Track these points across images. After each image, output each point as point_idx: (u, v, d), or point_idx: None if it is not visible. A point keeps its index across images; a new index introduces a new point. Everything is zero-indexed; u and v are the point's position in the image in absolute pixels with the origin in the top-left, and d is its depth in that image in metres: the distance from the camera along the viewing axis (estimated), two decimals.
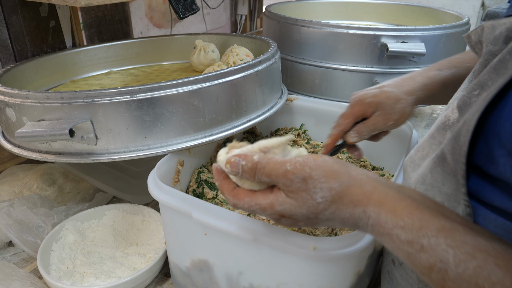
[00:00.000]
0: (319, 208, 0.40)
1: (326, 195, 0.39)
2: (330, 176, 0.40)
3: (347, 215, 0.40)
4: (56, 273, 0.70)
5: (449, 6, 2.31)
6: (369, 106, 0.66)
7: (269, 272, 0.56)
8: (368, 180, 0.40)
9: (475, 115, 0.36)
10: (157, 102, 0.67)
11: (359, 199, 0.39)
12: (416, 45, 1.03)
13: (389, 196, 0.38)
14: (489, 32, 0.42)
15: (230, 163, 0.42)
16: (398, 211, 0.37)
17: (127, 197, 0.91)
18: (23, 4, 1.01)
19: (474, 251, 0.32)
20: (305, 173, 0.39)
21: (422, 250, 0.34)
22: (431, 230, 0.34)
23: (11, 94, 0.70)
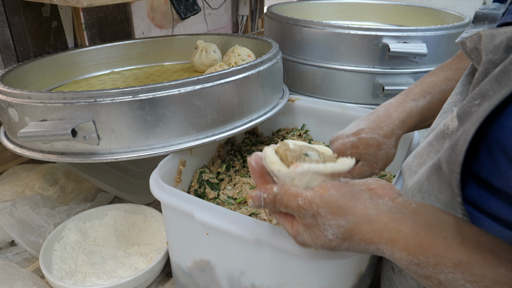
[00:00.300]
0: (333, 245, 0.41)
1: (335, 232, 0.40)
2: (336, 213, 0.40)
3: (362, 249, 0.40)
4: (58, 272, 0.70)
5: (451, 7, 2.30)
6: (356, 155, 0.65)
7: (270, 272, 0.56)
8: (377, 216, 0.39)
9: (474, 126, 0.35)
10: (159, 102, 0.67)
11: (370, 237, 0.39)
12: (417, 45, 1.03)
13: (401, 233, 0.37)
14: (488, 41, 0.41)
15: (251, 197, 0.44)
16: (412, 248, 0.36)
17: (128, 197, 0.91)
18: (25, 5, 1.01)
19: (494, 284, 0.32)
20: (313, 210, 0.40)
21: (440, 284, 0.35)
22: (447, 266, 0.34)
23: (13, 94, 0.70)
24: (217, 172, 0.79)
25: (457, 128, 0.42)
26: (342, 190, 0.41)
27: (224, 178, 0.78)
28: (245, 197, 0.70)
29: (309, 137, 0.95)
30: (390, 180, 0.80)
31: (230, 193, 0.73)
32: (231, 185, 0.76)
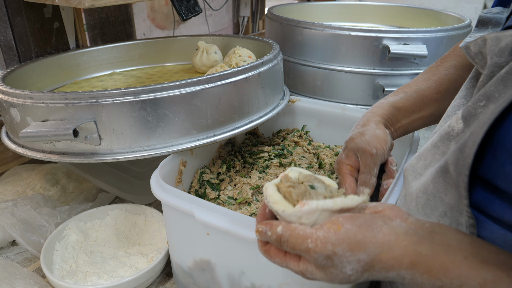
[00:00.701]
0: (352, 279, 0.39)
1: (355, 267, 0.38)
2: (355, 248, 0.38)
3: (381, 277, 0.39)
4: (59, 272, 0.70)
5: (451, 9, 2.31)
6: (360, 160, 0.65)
7: (270, 272, 0.56)
8: (396, 242, 0.38)
9: (483, 128, 0.35)
10: (160, 103, 0.67)
11: (390, 264, 0.37)
12: (417, 47, 1.03)
13: (421, 256, 0.37)
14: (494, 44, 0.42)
15: (258, 232, 0.43)
16: (433, 270, 0.36)
17: (129, 197, 0.91)
18: (27, 6, 1.01)
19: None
20: (328, 251, 0.38)
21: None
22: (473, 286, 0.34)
23: (15, 95, 0.71)
24: (217, 173, 0.79)
25: (462, 130, 0.42)
26: (356, 222, 0.39)
27: (225, 179, 0.78)
28: (246, 198, 0.70)
29: (309, 138, 0.95)
30: None
31: (230, 193, 0.73)
32: (232, 185, 0.76)
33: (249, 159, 0.84)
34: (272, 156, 0.82)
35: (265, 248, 0.44)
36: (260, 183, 0.73)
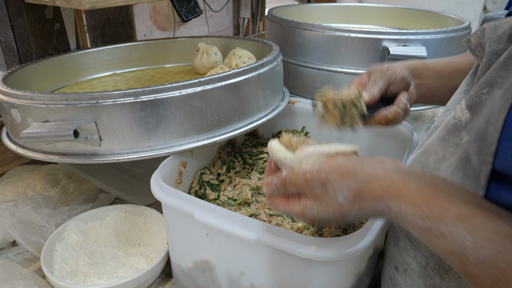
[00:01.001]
0: (344, 209, 0.42)
1: (346, 195, 0.41)
2: (346, 176, 0.42)
3: (371, 210, 0.41)
4: (59, 272, 0.70)
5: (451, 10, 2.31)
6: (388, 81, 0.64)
7: (270, 272, 0.56)
8: (385, 174, 0.41)
9: (500, 115, 0.36)
10: (160, 104, 0.68)
11: (379, 194, 0.40)
12: (417, 48, 1.04)
13: (407, 188, 0.39)
14: (492, 32, 0.43)
15: (265, 184, 0.48)
16: (417, 202, 0.38)
17: (129, 198, 0.91)
18: (28, 7, 1.02)
19: (493, 236, 0.33)
20: (322, 178, 0.42)
21: (442, 237, 0.36)
22: (450, 218, 0.35)
23: (16, 96, 0.71)
24: (217, 174, 0.80)
25: (471, 119, 0.42)
26: (349, 158, 0.44)
27: (225, 179, 0.78)
28: (245, 198, 0.70)
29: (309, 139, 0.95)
30: None
31: (230, 194, 0.73)
32: (231, 186, 0.76)
33: (249, 160, 0.84)
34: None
35: (271, 200, 0.48)
36: (259, 184, 0.74)
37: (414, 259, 0.50)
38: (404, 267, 0.52)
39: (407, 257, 0.51)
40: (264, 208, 0.69)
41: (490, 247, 0.33)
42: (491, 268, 0.32)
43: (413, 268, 0.50)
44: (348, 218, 0.43)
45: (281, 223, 0.66)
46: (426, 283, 0.49)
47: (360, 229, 0.52)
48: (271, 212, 0.68)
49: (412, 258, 0.50)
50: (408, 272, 0.52)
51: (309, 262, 0.51)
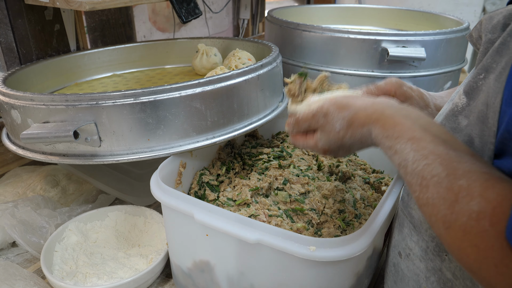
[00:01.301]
0: (340, 135, 0.52)
1: (342, 124, 0.52)
2: (341, 108, 0.52)
3: (360, 135, 0.51)
4: (59, 273, 0.71)
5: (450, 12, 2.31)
6: (402, 95, 0.66)
7: (269, 273, 0.56)
8: (372, 105, 0.50)
9: (497, 98, 0.39)
10: (160, 105, 0.68)
11: (364, 120, 0.49)
12: (416, 49, 1.04)
13: (384, 115, 0.48)
14: (487, 23, 0.45)
15: (287, 124, 0.61)
16: (386, 125, 0.46)
17: (129, 199, 0.92)
18: (29, 8, 1.02)
19: (429, 154, 0.40)
20: (324, 110, 0.54)
21: (395, 153, 0.44)
22: (404, 139, 0.43)
23: (16, 96, 0.71)
24: (217, 174, 0.80)
25: (467, 103, 0.45)
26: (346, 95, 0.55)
27: (224, 180, 0.79)
28: (245, 199, 0.70)
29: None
30: (387, 183, 0.81)
31: (229, 195, 0.74)
32: (231, 187, 0.77)
33: (248, 161, 0.84)
34: (271, 158, 0.83)
35: (293, 138, 0.61)
36: (259, 184, 0.74)
37: (416, 243, 0.52)
38: (407, 252, 0.54)
39: (410, 242, 0.53)
40: (264, 209, 0.69)
41: (423, 161, 0.40)
42: (420, 178, 0.40)
43: (415, 252, 0.52)
44: (346, 142, 0.53)
45: (281, 223, 0.66)
46: (427, 266, 0.50)
47: (359, 230, 0.53)
48: (271, 212, 0.68)
49: (415, 242, 0.52)
50: (411, 257, 0.53)
51: (308, 262, 0.52)
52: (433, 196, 0.38)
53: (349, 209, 0.70)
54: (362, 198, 0.75)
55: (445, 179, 0.38)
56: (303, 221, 0.67)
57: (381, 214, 0.57)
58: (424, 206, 0.40)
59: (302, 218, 0.68)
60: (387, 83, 0.67)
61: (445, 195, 0.37)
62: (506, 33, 0.41)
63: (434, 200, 0.38)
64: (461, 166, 0.38)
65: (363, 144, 0.52)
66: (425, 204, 0.40)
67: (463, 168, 0.37)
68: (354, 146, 0.54)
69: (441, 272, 0.48)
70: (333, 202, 0.71)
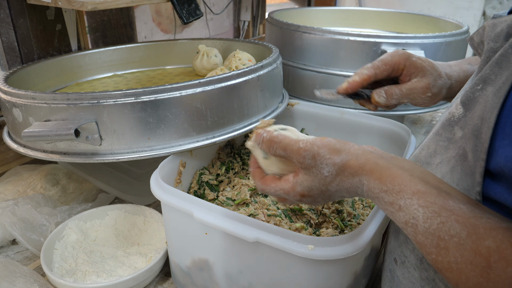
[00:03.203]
0: (327, 181, 0.47)
1: (331, 170, 0.46)
2: (333, 152, 0.47)
3: (349, 185, 0.46)
4: (58, 271, 0.71)
5: (450, 15, 2.32)
6: (412, 66, 0.62)
7: (268, 271, 0.57)
8: (362, 154, 0.46)
9: (493, 113, 0.37)
10: (160, 104, 0.69)
11: (355, 170, 0.45)
12: (415, 52, 1.04)
13: (378, 166, 0.44)
14: (490, 30, 0.44)
15: (256, 133, 0.52)
16: (383, 178, 0.42)
17: (129, 198, 0.92)
18: (31, 8, 1.03)
19: (441, 210, 0.37)
20: (314, 151, 0.47)
21: (399, 209, 0.40)
22: (407, 193, 0.40)
23: (18, 95, 0.72)
24: (216, 174, 0.80)
25: (463, 114, 0.44)
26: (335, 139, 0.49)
27: (224, 180, 0.79)
28: (244, 199, 0.71)
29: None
30: None
31: (229, 194, 0.74)
32: (230, 186, 0.77)
33: (248, 161, 0.84)
34: None
35: (262, 180, 0.53)
36: None
37: (412, 252, 0.51)
38: (402, 260, 0.54)
39: (405, 250, 0.53)
40: (263, 209, 0.70)
41: (436, 219, 0.37)
42: (435, 238, 0.36)
43: (410, 260, 0.52)
44: (330, 190, 0.47)
45: (279, 223, 0.66)
46: (421, 275, 0.50)
47: (357, 229, 0.53)
48: (269, 212, 0.68)
49: (411, 251, 0.51)
50: (406, 265, 0.53)
51: (306, 261, 0.52)
52: (457, 261, 0.35)
53: (347, 209, 0.71)
54: (360, 198, 0.75)
55: (467, 240, 0.34)
56: (302, 221, 0.68)
57: (379, 214, 0.58)
58: (447, 271, 0.36)
59: (300, 218, 0.69)
60: (394, 56, 0.62)
61: (473, 259, 0.34)
62: (508, 45, 0.39)
63: (459, 265, 0.35)
64: (479, 222, 0.35)
65: (349, 194, 0.48)
66: (447, 269, 0.36)
67: (483, 225, 0.34)
68: (337, 195, 0.49)
69: (434, 283, 0.48)
70: (332, 202, 0.71)
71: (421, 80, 0.62)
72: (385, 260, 0.62)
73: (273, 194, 0.52)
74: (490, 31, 0.44)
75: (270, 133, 0.50)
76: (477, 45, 0.49)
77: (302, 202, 0.50)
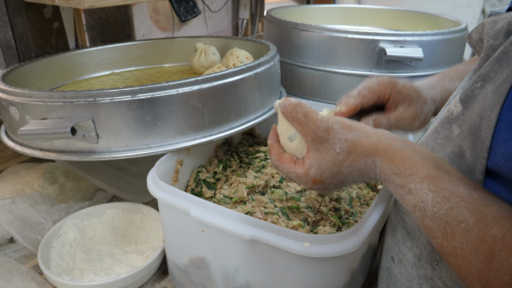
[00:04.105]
0: (339, 159, 0.46)
1: (343, 146, 0.46)
2: (345, 128, 0.47)
3: (362, 165, 0.46)
4: (56, 269, 0.71)
5: (450, 13, 2.32)
6: (398, 93, 0.61)
7: (265, 269, 0.57)
8: (374, 133, 0.46)
9: (494, 111, 0.37)
10: (157, 102, 0.68)
11: (368, 149, 0.45)
12: (413, 50, 1.04)
13: (391, 147, 0.43)
14: (490, 27, 0.43)
15: (286, 98, 0.52)
16: (395, 160, 0.42)
17: (127, 196, 0.92)
18: (28, 6, 1.02)
19: (451, 195, 0.37)
20: (328, 124, 0.47)
21: (409, 192, 0.40)
22: (418, 177, 0.40)
23: (15, 93, 0.72)
24: (214, 172, 0.80)
25: (462, 112, 0.44)
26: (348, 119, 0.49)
27: (221, 178, 0.79)
28: (241, 197, 0.71)
29: None
30: None
31: (226, 192, 0.74)
32: (228, 184, 0.77)
33: (245, 159, 0.84)
34: (268, 157, 0.83)
35: (279, 157, 0.53)
36: (255, 182, 0.74)
37: (410, 249, 0.51)
38: (400, 258, 0.53)
39: (403, 248, 0.53)
40: (260, 206, 0.69)
41: (445, 204, 0.37)
42: (443, 223, 0.37)
43: (408, 258, 0.52)
44: (343, 171, 0.47)
45: (277, 221, 0.66)
46: (419, 273, 0.50)
47: (353, 227, 0.53)
48: (267, 210, 0.68)
49: (408, 248, 0.51)
50: (403, 263, 0.53)
51: (302, 258, 0.52)
52: (462, 246, 0.35)
53: (345, 207, 0.71)
54: (358, 196, 0.75)
55: (474, 227, 0.34)
56: (299, 219, 0.68)
57: (376, 212, 0.58)
58: (451, 256, 0.36)
59: (298, 216, 0.69)
60: (380, 84, 0.61)
61: (478, 246, 0.34)
62: (508, 42, 0.39)
63: (463, 250, 0.35)
64: (488, 210, 0.35)
65: (362, 177, 0.47)
66: (451, 254, 0.36)
67: (492, 214, 0.34)
68: (349, 179, 0.48)
69: (432, 281, 0.48)
70: (329, 200, 0.71)
71: (408, 109, 0.61)
72: (382, 258, 0.62)
73: (286, 174, 0.52)
74: (489, 28, 0.44)
75: (296, 100, 0.52)
76: (475, 42, 0.48)
77: (314, 189, 0.50)
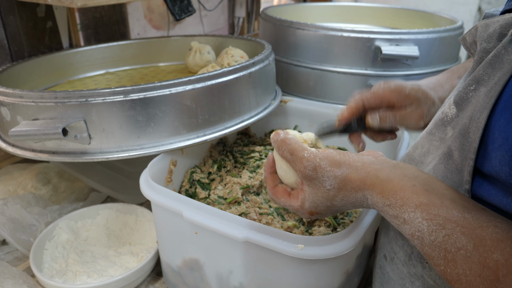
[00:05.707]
0: (331, 195, 0.46)
1: (332, 183, 0.46)
2: (333, 165, 0.46)
3: (353, 199, 0.46)
4: (48, 271, 0.70)
5: (446, 11, 2.31)
6: (406, 98, 0.61)
7: (258, 271, 0.56)
8: (362, 167, 0.45)
9: (483, 113, 0.37)
10: (150, 102, 0.68)
11: (357, 184, 0.44)
12: (409, 48, 1.04)
13: (379, 179, 0.43)
14: (483, 31, 0.44)
15: (276, 132, 0.52)
16: (385, 192, 0.42)
17: (121, 197, 0.91)
18: (20, 5, 1.01)
19: (445, 222, 0.37)
20: (316, 162, 0.46)
21: (404, 222, 0.40)
22: (410, 206, 0.39)
23: (5, 93, 0.71)
24: (208, 172, 0.79)
25: (456, 114, 0.44)
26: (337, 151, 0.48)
27: (215, 178, 0.78)
28: (236, 197, 0.70)
29: None
30: None
31: (220, 193, 0.73)
32: (222, 185, 0.76)
33: (240, 159, 0.84)
34: (263, 156, 0.83)
35: (274, 190, 0.53)
36: (250, 182, 0.74)
37: (401, 248, 0.51)
38: (392, 256, 0.54)
39: (395, 246, 0.53)
40: (254, 207, 0.69)
41: (441, 232, 0.36)
42: (442, 250, 0.36)
43: (399, 257, 0.52)
44: (336, 205, 0.47)
45: (271, 222, 0.66)
46: (410, 271, 0.50)
47: (348, 227, 0.53)
48: (261, 211, 0.68)
49: (400, 247, 0.51)
50: (395, 261, 0.53)
51: (296, 260, 0.51)
52: (466, 273, 0.35)
53: None
54: None
55: (474, 253, 0.34)
56: (294, 220, 0.67)
57: (371, 212, 0.57)
58: (456, 283, 0.36)
59: (293, 216, 0.68)
60: (385, 89, 0.61)
61: (481, 272, 0.34)
62: (501, 46, 0.39)
63: (468, 277, 0.35)
64: (485, 233, 0.34)
65: (357, 207, 0.47)
66: (456, 281, 0.36)
67: (490, 237, 0.34)
68: (344, 209, 0.48)
69: (423, 279, 0.48)
70: None
71: (416, 111, 0.61)
72: (376, 256, 0.61)
73: (282, 206, 0.52)
74: (482, 32, 0.44)
75: (286, 134, 0.51)
76: (469, 45, 0.49)
77: (313, 217, 0.50)
